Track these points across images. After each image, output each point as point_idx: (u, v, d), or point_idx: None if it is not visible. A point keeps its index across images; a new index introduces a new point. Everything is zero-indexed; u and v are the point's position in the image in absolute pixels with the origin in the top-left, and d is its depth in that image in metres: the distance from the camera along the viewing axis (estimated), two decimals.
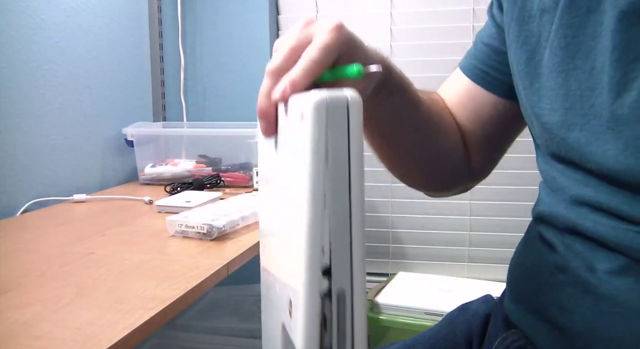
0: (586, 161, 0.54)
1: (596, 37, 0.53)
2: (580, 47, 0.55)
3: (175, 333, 1.56)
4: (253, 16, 1.76)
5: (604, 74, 0.52)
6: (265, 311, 0.56)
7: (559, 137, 0.56)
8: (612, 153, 0.51)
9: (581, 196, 0.56)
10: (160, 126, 1.70)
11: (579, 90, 0.54)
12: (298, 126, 0.42)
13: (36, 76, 1.30)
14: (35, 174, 1.30)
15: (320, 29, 0.49)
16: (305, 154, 0.40)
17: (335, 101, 0.41)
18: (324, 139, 0.40)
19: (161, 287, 0.77)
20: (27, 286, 0.79)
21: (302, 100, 0.43)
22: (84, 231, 1.06)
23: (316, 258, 0.39)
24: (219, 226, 0.98)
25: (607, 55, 0.52)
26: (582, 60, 0.54)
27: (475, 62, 0.73)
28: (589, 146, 0.53)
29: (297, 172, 0.41)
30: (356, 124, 0.41)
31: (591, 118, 0.53)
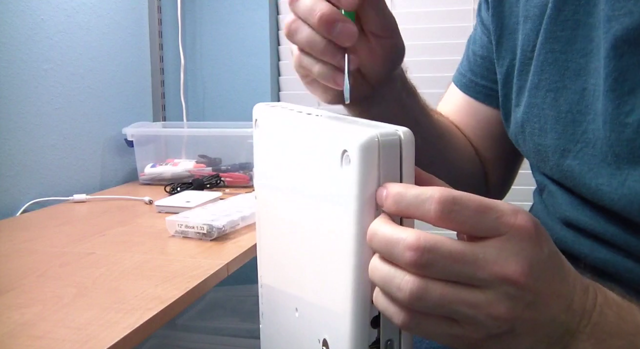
0: (580, 190, 0.52)
1: (586, 55, 0.51)
2: (569, 65, 0.52)
3: (175, 333, 1.56)
4: (253, 16, 1.76)
5: (596, 100, 0.49)
6: (270, 329, 0.54)
7: (553, 161, 0.54)
8: (606, 189, 0.49)
9: (576, 220, 0.54)
10: (160, 126, 1.69)
11: (570, 113, 0.52)
12: (337, 166, 0.38)
13: (36, 76, 1.30)
14: (35, 174, 1.30)
15: None
16: (351, 201, 0.36)
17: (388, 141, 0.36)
18: (375, 185, 0.36)
19: (161, 287, 0.77)
20: (27, 286, 0.79)
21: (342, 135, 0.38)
22: (84, 231, 1.06)
23: (366, 312, 0.37)
24: (219, 226, 0.98)
25: (600, 81, 0.49)
26: (572, 79, 0.52)
27: (471, 77, 0.70)
28: (583, 176, 0.51)
29: (337, 215, 0.38)
30: (409, 168, 0.37)
31: (584, 145, 0.51)
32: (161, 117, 1.78)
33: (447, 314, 0.35)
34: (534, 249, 0.35)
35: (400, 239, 0.34)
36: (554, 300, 0.36)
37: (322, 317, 0.41)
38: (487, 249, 0.34)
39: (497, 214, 0.35)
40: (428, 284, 0.34)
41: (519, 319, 0.35)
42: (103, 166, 1.53)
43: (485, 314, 0.34)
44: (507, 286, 0.34)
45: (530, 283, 0.34)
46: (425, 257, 0.33)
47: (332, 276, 0.39)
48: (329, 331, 0.40)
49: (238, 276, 0.94)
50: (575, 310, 0.37)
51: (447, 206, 0.34)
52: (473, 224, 0.35)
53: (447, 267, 0.34)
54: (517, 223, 0.35)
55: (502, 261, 0.34)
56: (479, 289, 0.34)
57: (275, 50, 1.81)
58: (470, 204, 0.34)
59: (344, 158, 0.37)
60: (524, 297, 0.34)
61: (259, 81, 1.78)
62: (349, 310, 0.37)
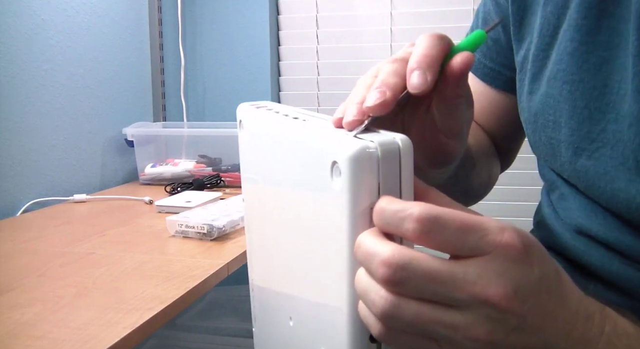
0: (594, 193, 0.49)
1: (611, 48, 0.47)
2: (589, 57, 0.48)
3: (175, 333, 1.56)
4: (253, 16, 1.76)
5: (620, 99, 0.46)
6: (263, 334, 0.53)
7: (565, 158, 0.51)
8: (623, 195, 0.46)
9: (588, 228, 0.51)
10: (160, 126, 1.69)
11: (586, 109, 0.48)
12: (327, 177, 0.35)
13: (36, 76, 1.30)
14: (35, 174, 1.30)
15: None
16: (343, 213, 0.34)
17: (387, 151, 0.34)
18: (370, 197, 0.34)
19: (161, 287, 0.77)
20: (27, 286, 0.79)
21: (331, 145, 0.35)
22: (84, 231, 1.06)
23: (363, 329, 0.35)
24: (219, 226, 0.98)
25: (627, 79, 0.45)
26: (591, 73, 0.48)
27: (484, 61, 0.66)
28: (598, 179, 0.48)
29: (330, 227, 0.36)
30: (408, 178, 0.35)
31: (600, 145, 0.47)
32: (161, 117, 1.78)
33: (423, 333, 0.33)
34: (521, 270, 0.33)
35: (376, 253, 0.32)
36: (549, 324, 0.34)
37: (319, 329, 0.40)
38: (469, 268, 0.32)
39: (481, 233, 0.32)
40: (401, 303, 0.32)
41: (504, 343, 0.33)
42: (103, 166, 1.53)
43: (463, 336, 0.32)
44: (488, 308, 0.32)
45: (516, 307, 0.32)
46: (399, 275, 0.32)
47: (328, 288, 0.38)
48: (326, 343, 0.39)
49: (238, 276, 0.94)
50: (576, 338, 0.35)
51: (426, 225, 0.32)
52: (455, 245, 0.32)
53: (422, 286, 0.32)
54: (504, 241, 0.32)
55: (484, 282, 0.32)
56: (458, 310, 0.32)
57: (275, 50, 1.80)
58: (452, 223, 0.32)
59: (334, 170, 0.35)
60: (508, 321, 0.32)
61: (259, 81, 1.78)
62: (346, 325, 0.36)
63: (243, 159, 0.52)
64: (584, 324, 0.35)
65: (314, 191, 0.38)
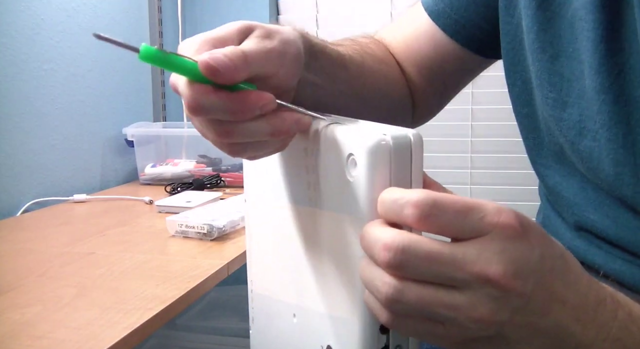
0: (597, 178, 0.48)
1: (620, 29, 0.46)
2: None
3: (175, 333, 1.56)
4: (253, 16, 1.76)
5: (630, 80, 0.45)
6: (262, 335, 0.53)
7: (568, 138, 0.50)
8: (629, 180, 0.45)
9: (591, 223, 0.50)
10: (160, 126, 1.69)
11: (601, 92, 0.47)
12: (341, 170, 0.36)
13: (36, 76, 1.30)
14: (35, 174, 1.30)
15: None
16: (359, 205, 0.35)
17: (400, 144, 0.35)
18: (384, 189, 0.35)
19: (161, 287, 0.77)
20: (27, 286, 0.79)
21: (348, 138, 0.37)
22: (84, 231, 1.06)
23: (374, 319, 0.36)
24: (219, 226, 0.98)
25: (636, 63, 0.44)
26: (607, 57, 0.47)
27: (449, 11, 0.63)
28: (601, 161, 0.47)
29: (344, 219, 0.37)
30: (418, 171, 0.36)
31: (599, 126, 0.47)
32: (161, 117, 1.78)
33: (427, 316, 0.34)
34: (520, 249, 0.33)
35: (378, 239, 0.33)
36: (557, 307, 0.34)
37: (326, 323, 0.40)
38: (468, 249, 0.33)
39: (479, 215, 0.33)
40: (404, 286, 0.33)
41: (509, 324, 0.33)
42: (103, 166, 1.53)
43: (466, 317, 0.33)
44: (489, 287, 0.32)
45: (517, 285, 0.32)
46: (399, 258, 0.32)
47: (338, 282, 0.38)
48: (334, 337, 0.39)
49: (238, 276, 0.94)
50: (588, 322, 0.35)
51: (425, 209, 0.33)
52: (454, 227, 0.33)
53: (423, 268, 0.32)
54: (501, 222, 0.33)
55: (483, 261, 0.32)
56: (459, 291, 0.33)
57: None
58: (451, 206, 0.33)
59: (350, 162, 0.36)
60: (510, 300, 0.33)
61: None
62: (357, 316, 0.36)
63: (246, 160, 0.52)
64: (594, 309, 0.35)
65: (327, 186, 0.39)
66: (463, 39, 0.63)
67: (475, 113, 1.67)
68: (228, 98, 0.36)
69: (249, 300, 0.54)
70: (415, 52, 0.66)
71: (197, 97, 0.36)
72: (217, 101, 0.36)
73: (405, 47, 0.67)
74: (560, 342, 0.35)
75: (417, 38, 0.66)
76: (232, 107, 0.36)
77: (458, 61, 0.65)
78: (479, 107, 1.66)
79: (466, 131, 1.68)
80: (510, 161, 1.62)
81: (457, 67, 0.66)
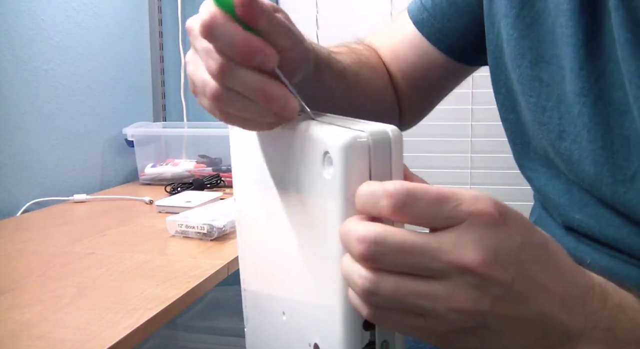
0: (578, 178, 0.49)
1: (598, 36, 0.47)
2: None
3: (175, 333, 1.56)
4: None
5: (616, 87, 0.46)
6: (256, 334, 0.53)
7: (549, 141, 0.51)
8: (607, 180, 0.46)
9: (577, 223, 0.51)
10: (161, 126, 1.69)
11: (580, 95, 0.48)
12: (319, 167, 0.36)
13: (36, 76, 1.30)
14: (35, 174, 1.30)
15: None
16: (336, 202, 0.35)
17: (378, 141, 0.34)
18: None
19: (161, 287, 0.77)
20: (27, 286, 0.79)
21: (323, 136, 0.36)
22: (84, 231, 1.06)
23: (357, 313, 0.36)
24: (219, 226, 0.98)
25: (620, 68, 0.45)
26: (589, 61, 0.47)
27: (432, 20, 0.64)
28: (582, 163, 0.48)
29: (323, 217, 0.37)
30: (399, 167, 0.36)
31: (580, 128, 0.48)
32: (161, 117, 1.78)
33: (406, 307, 0.33)
34: (498, 236, 0.32)
35: (353, 232, 0.33)
36: (542, 296, 0.33)
37: (313, 321, 0.40)
38: (444, 238, 0.32)
39: (455, 203, 0.32)
40: (380, 278, 0.32)
41: (490, 314, 0.32)
42: (103, 166, 1.53)
43: (445, 307, 0.32)
44: (467, 276, 0.32)
45: (496, 273, 0.32)
46: (372, 249, 0.32)
47: (320, 278, 0.39)
48: (320, 334, 0.39)
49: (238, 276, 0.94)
50: (575, 310, 0.34)
51: (399, 199, 0.32)
52: (430, 217, 0.33)
53: (398, 258, 0.32)
54: (478, 209, 0.32)
55: (460, 249, 0.31)
56: (436, 281, 0.32)
57: None
58: (425, 195, 0.32)
59: (326, 160, 0.36)
60: (490, 289, 0.32)
61: None
62: (340, 313, 0.36)
63: (234, 158, 0.53)
64: (582, 297, 0.35)
65: (308, 184, 0.39)
66: (446, 47, 0.65)
67: (475, 113, 1.67)
68: (239, 33, 0.37)
69: (242, 299, 0.54)
70: (401, 58, 0.67)
71: (216, 19, 0.37)
72: (230, 30, 0.37)
73: (392, 54, 0.68)
74: (547, 332, 0.34)
75: (403, 45, 0.67)
76: (238, 42, 0.37)
77: (442, 69, 0.66)
78: (479, 107, 1.66)
79: (466, 131, 1.68)
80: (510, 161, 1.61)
81: (441, 74, 0.67)
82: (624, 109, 0.46)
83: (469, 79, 0.72)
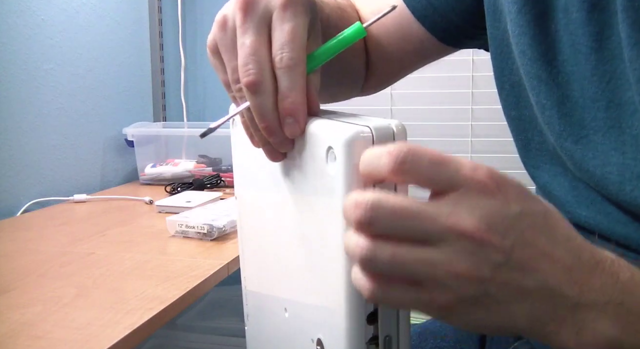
0: (585, 176, 0.49)
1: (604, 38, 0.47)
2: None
3: (176, 333, 1.56)
4: None
5: (619, 87, 0.46)
6: (257, 331, 0.53)
7: (557, 140, 0.51)
8: (615, 178, 0.46)
9: (584, 220, 0.50)
10: (161, 126, 1.69)
11: (580, 97, 0.49)
12: (322, 163, 0.36)
13: (36, 76, 1.30)
14: (35, 174, 1.30)
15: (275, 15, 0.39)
16: (340, 197, 0.35)
17: (382, 135, 0.35)
18: (362, 187, 0.34)
19: (161, 287, 0.77)
20: (27, 286, 0.79)
21: (326, 131, 0.36)
22: (84, 231, 1.06)
23: (361, 308, 0.36)
24: (219, 226, 0.98)
25: (626, 68, 0.45)
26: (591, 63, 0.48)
27: (425, 1, 0.63)
28: (588, 161, 0.48)
29: (327, 212, 0.37)
30: None
31: (592, 132, 0.48)
32: (161, 117, 1.78)
33: (406, 276, 0.33)
34: (493, 204, 0.32)
35: (352, 200, 0.33)
36: (546, 265, 0.33)
37: (316, 316, 0.40)
38: (441, 203, 0.32)
39: (454, 167, 0.33)
40: (377, 245, 0.32)
41: (492, 281, 0.32)
42: (103, 166, 1.53)
43: (445, 273, 0.32)
44: (464, 241, 0.32)
45: (494, 240, 0.32)
46: (369, 215, 0.32)
47: (324, 274, 0.39)
48: (323, 330, 0.39)
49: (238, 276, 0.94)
50: (583, 283, 0.34)
51: (400, 156, 0.32)
52: (429, 176, 0.33)
53: (394, 223, 0.32)
54: (476, 177, 0.33)
55: (456, 215, 0.32)
56: (435, 246, 0.32)
57: None
58: (426, 155, 0.33)
59: (329, 155, 0.36)
60: (489, 256, 0.32)
61: None
62: (343, 307, 0.36)
63: (236, 156, 0.53)
64: (590, 270, 0.34)
65: (311, 180, 0.39)
66: (430, 23, 0.64)
67: (475, 113, 1.67)
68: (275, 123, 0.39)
69: (243, 297, 0.54)
70: (379, 25, 0.66)
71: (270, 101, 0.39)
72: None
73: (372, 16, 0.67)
74: (553, 304, 0.34)
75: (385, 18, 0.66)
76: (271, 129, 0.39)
77: (420, 44, 0.65)
78: (479, 107, 1.66)
79: (466, 131, 1.68)
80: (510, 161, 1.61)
81: (417, 49, 0.66)
82: (633, 109, 0.46)
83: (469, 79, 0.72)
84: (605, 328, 0.34)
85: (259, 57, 0.38)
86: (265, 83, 0.38)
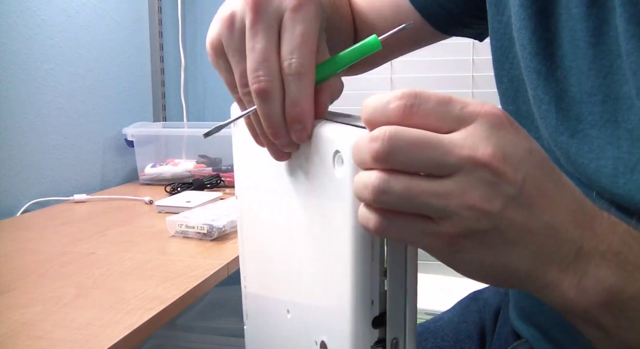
0: (577, 171, 0.49)
1: (602, 34, 0.48)
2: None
3: (176, 333, 1.56)
4: None
5: (615, 81, 0.46)
6: (256, 331, 0.53)
7: (551, 134, 0.52)
8: (609, 172, 0.46)
9: None
10: (161, 126, 1.70)
11: (578, 92, 0.49)
12: (329, 167, 0.36)
13: (36, 76, 1.30)
14: (35, 174, 1.30)
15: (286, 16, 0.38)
16: (347, 201, 0.35)
17: None
18: None
19: (161, 287, 0.77)
20: (27, 286, 0.79)
21: (333, 135, 0.36)
22: (84, 231, 1.06)
23: (366, 311, 0.36)
24: (219, 226, 0.98)
25: (623, 63, 0.46)
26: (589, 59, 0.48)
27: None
28: (581, 157, 0.48)
29: (333, 215, 0.37)
30: None
31: (589, 126, 0.48)
32: (161, 117, 1.78)
33: (416, 209, 0.32)
34: (507, 136, 0.33)
35: (365, 137, 0.33)
36: (551, 206, 0.33)
37: (319, 318, 0.40)
38: (455, 135, 0.32)
39: (462, 104, 0.33)
40: (391, 177, 0.32)
41: (501, 216, 0.32)
42: (103, 166, 1.53)
43: (457, 204, 0.32)
44: (480, 170, 0.32)
45: (507, 170, 0.32)
46: (387, 145, 0.31)
47: (329, 276, 0.39)
48: (327, 332, 0.39)
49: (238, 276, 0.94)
50: (586, 229, 0.34)
51: (409, 99, 0.32)
52: (438, 116, 0.32)
53: (411, 153, 0.32)
54: (485, 110, 0.33)
55: (471, 144, 0.32)
56: (449, 178, 0.32)
57: None
58: (432, 96, 0.32)
59: (337, 159, 0.36)
60: (502, 187, 0.32)
61: None
62: (348, 310, 0.36)
63: (237, 157, 0.53)
64: (591, 219, 0.35)
65: (316, 183, 0.39)
66: (425, 10, 0.64)
67: None
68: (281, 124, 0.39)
69: (243, 297, 0.54)
70: (376, 9, 0.67)
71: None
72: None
73: (367, 3, 0.68)
74: (558, 246, 0.34)
75: (382, 1, 0.67)
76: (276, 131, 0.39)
77: (413, 32, 0.65)
78: None
79: None
80: None
81: (409, 35, 0.66)
82: (630, 103, 0.46)
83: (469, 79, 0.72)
84: (607, 274, 0.34)
85: (269, 63, 0.38)
86: (275, 90, 0.38)
